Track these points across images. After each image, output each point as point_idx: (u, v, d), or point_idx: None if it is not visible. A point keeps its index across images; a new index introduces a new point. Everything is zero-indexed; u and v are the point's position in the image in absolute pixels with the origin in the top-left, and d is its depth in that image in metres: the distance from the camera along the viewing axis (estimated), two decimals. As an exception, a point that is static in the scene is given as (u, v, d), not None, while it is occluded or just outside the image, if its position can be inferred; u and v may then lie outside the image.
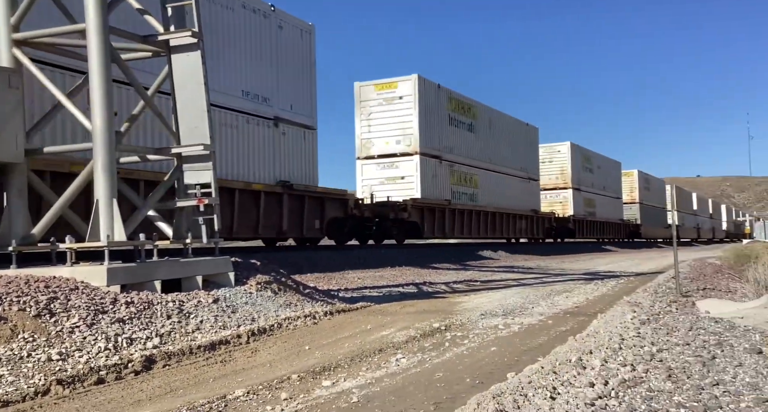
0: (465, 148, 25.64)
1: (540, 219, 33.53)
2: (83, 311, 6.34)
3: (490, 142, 28.11)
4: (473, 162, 26.30)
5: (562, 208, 37.31)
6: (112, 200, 7.64)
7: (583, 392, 4.20)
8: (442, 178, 23.56)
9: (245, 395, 4.86)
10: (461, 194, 25.20)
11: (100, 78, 7.60)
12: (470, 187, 26.02)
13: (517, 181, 30.78)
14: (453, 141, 24.60)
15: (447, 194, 23.84)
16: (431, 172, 22.73)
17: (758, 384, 4.43)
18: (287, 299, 8.88)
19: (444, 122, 23.97)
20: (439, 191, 23.28)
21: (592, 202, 40.86)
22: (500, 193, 28.65)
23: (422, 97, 22.32)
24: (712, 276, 14.37)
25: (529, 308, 9.47)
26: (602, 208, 42.68)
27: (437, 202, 22.96)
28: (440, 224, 23.34)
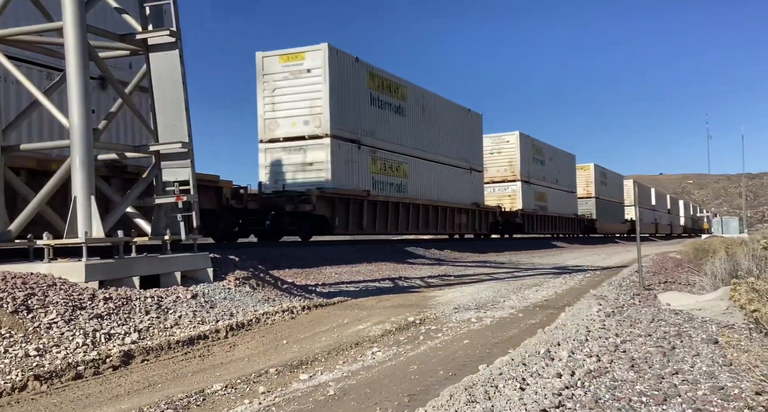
0: (391, 132, 22.24)
1: (483, 213, 30.71)
2: (61, 307, 6.37)
3: (424, 128, 24.90)
4: (402, 149, 22.98)
5: (510, 202, 34.81)
6: (90, 197, 7.65)
7: (551, 383, 4.40)
8: (360, 165, 20.06)
9: (223, 388, 4.96)
10: (386, 185, 21.79)
11: (77, 76, 7.59)
12: (398, 176, 22.61)
13: (456, 172, 27.80)
14: (376, 124, 21.16)
15: (366, 184, 20.39)
16: (346, 158, 19.30)
17: (714, 373, 4.68)
18: (265, 294, 8.98)
19: (363, 102, 20.35)
20: (357, 180, 19.83)
21: (543, 196, 38.50)
22: (436, 185, 25.66)
23: (335, 71, 18.72)
24: (673, 270, 14.86)
25: (500, 302, 9.72)
26: (555, 202, 40.38)
27: (353, 193, 19.42)
28: (357, 219, 19.94)
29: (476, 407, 3.84)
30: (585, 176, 48.49)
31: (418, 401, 4.38)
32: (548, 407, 3.86)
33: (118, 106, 8.95)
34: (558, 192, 41.26)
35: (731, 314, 6.82)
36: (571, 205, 43.95)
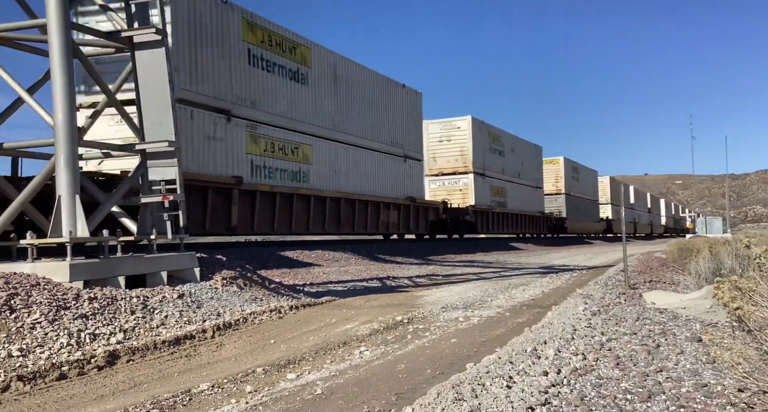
0: (283, 104, 17.20)
1: (420, 209, 25.20)
2: (45, 307, 6.30)
3: (336, 102, 19.65)
4: (300, 126, 17.84)
5: (461, 196, 29.75)
6: (74, 196, 7.57)
7: (538, 381, 4.43)
8: (230, 143, 15.30)
9: (210, 388, 4.94)
10: (275, 171, 16.82)
11: (61, 74, 7.51)
12: (295, 161, 17.70)
13: (385, 160, 22.60)
14: (257, 91, 16.31)
15: (240, 168, 15.56)
16: (206, 133, 14.50)
17: (698, 370, 4.74)
18: (253, 293, 8.94)
19: (238, 58, 15.50)
20: (224, 164, 15.06)
21: (502, 191, 33.71)
22: (352, 174, 20.40)
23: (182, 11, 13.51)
24: (657, 269, 15.02)
25: (488, 301, 9.76)
26: (516, 198, 35.70)
27: (216, 180, 14.61)
28: (223, 214, 15.09)
29: (463, 405, 3.85)
30: (554, 171, 44.08)
31: (406, 400, 4.38)
32: (535, 405, 3.89)
33: (103, 104, 8.86)
34: (520, 187, 36.91)
35: (715, 312, 6.91)
36: (536, 202, 39.52)
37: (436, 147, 30.31)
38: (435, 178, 30.41)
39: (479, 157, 30.88)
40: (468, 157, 30.16)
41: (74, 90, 7.77)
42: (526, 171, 38.15)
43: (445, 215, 27.88)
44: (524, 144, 38.39)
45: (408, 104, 24.78)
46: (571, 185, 46.21)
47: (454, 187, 30.32)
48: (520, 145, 37.39)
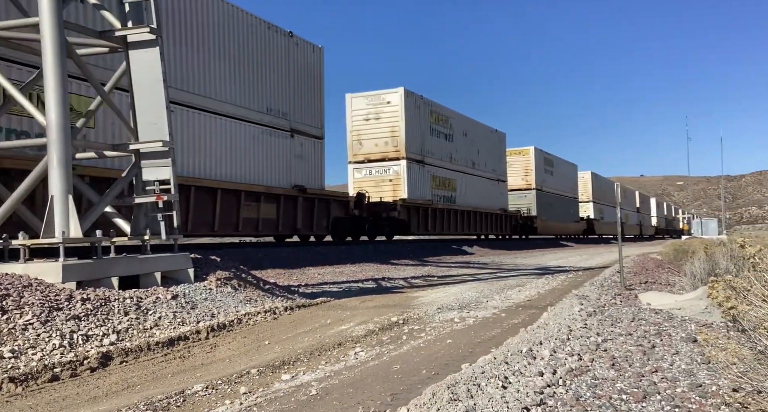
0: None
1: (313, 203, 19.17)
2: (37, 308, 6.25)
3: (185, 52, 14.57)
4: None
5: (392, 189, 24.22)
6: (67, 196, 7.52)
7: (533, 381, 4.42)
8: None
9: (204, 389, 4.90)
10: None
11: (54, 73, 7.46)
12: None
13: (261, 135, 17.11)
14: None
15: None
16: None
17: (693, 371, 4.74)
18: (247, 294, 8.91)
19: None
20: None
21: (449, 184, 28.20)
22: (205, 151, 15.12)
23: None
24: (653, 270, 15.06)
25: (483, 302, 9.75)
26: (470, 192, 30.31)
27: None
28: None
29: (458, 405, 3.83)
30: (522, 163, 38.76)
31: (401, 400, 4.37)
32: (530, 405, 3.87)
33: (97, 104, 8.81)
34: (475, 179, 31.43)
35: (710, 313, 6.91)
36: (497, 197, 33.94)
37: (361, 127, 24.58)
38: (360, 166, 24.87)
39: (415, 140, 25.23)
40: (400, 139, 24.41)
41: (67, 89, 7.72)
42: (485, 161, 32.02)
43: (360, 210, 22.05)
44: (481, 129, 32.45)
45: (299, 61, 19.02)
46: (544, 180, 40.60)
47: (384, 176, 24.58)
48: (475, 130, 31.58)
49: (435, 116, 27.47)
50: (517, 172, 39.23)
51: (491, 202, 33.63)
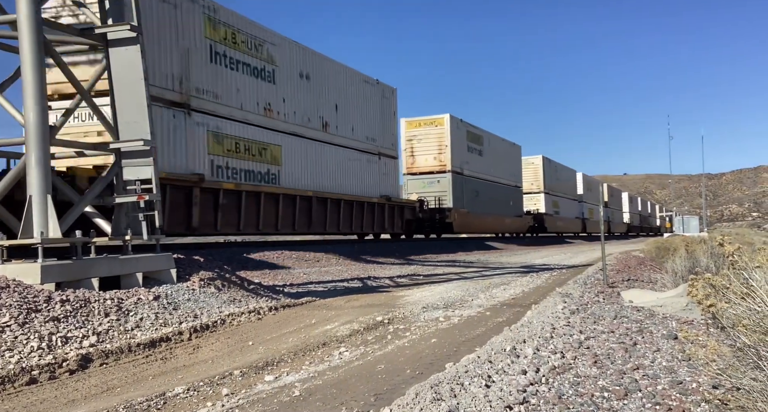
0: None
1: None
2: (14, 310, 6.14)
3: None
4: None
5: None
6: (46, 196, 7.40)
7: (516, 380, 4.43)
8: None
9: (185, 391, 4.85)
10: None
11: (32, 71, 7.33)
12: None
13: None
14: None
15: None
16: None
17: (674, 368, 4.78)
18: (231, 295, 8.84)
19: None
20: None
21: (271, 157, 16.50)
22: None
23: None
24: (636, 268, 15.22)
25: (468, 301, 9.77)
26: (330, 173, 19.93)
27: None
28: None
29: (442, 404, 3.83)
30: (436, 136, 28.51)
31: (384, 400, 4.35)
32: (513, 404, 3.88)
33: (76, 102, 8.67)
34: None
35: (691, 310, 6.99)
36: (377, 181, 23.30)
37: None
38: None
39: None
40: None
41: (45, 88, 7.59)
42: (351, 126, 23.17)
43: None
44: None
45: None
46: (466, 161, 31.04)
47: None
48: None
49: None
50: (421, 150, 29.46)
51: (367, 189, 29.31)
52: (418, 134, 29.33)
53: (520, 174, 39.90)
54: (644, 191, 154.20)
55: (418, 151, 29.28)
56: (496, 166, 35.32)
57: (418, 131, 29.33)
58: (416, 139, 29.29)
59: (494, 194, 34.73)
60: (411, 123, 29.52)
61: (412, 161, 29.29)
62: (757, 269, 3.80)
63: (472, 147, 32.03)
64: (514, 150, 39.49)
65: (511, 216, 37.56)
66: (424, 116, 29.76)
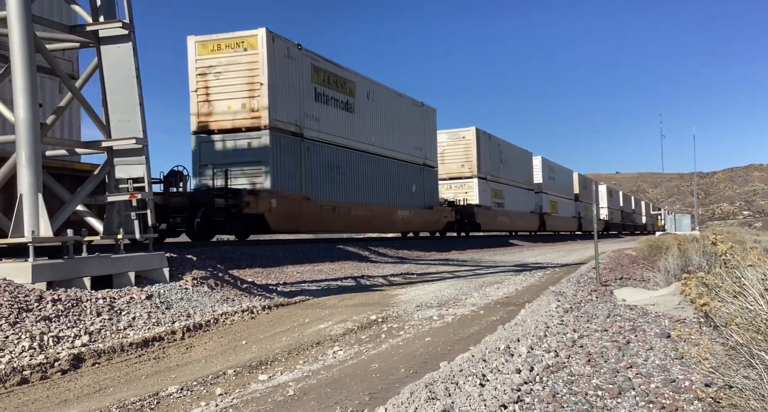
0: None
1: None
2: (5, 310, 6.09)
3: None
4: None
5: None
6: (37, 194, 7.34)
7: (510, 378, 4.43)
8: None
9: (179, 391, 4.83)
10: None
11: (23, 68, 7.26)
12: None
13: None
14: None
15: None
16: None
17: (667, 366, 4.80)
18: (224, 294, 8.80)
19: None
20: None
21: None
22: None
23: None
24: (628, 266, 15.29)
25: (462, 300, 9.78)
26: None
27: None
28: None
29: (436, 403, 3.82)
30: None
31: (379, 400, 4.35)
32: (507, 402, 3.88)
33: (67, 100, 8.61)
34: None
35: (683, 308, 7.03)
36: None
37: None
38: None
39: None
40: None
41: (37, 85, 7.52)
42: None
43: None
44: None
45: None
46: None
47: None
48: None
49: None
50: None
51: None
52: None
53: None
54: (636, 190, 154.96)
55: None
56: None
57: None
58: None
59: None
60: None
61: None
62: (749, 267, 3.82)
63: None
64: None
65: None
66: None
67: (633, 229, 76.80)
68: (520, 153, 42.40)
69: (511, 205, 39.25)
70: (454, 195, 33.67)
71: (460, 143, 34.69)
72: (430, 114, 29.46)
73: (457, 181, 34.52)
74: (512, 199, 39.64)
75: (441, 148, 32.79)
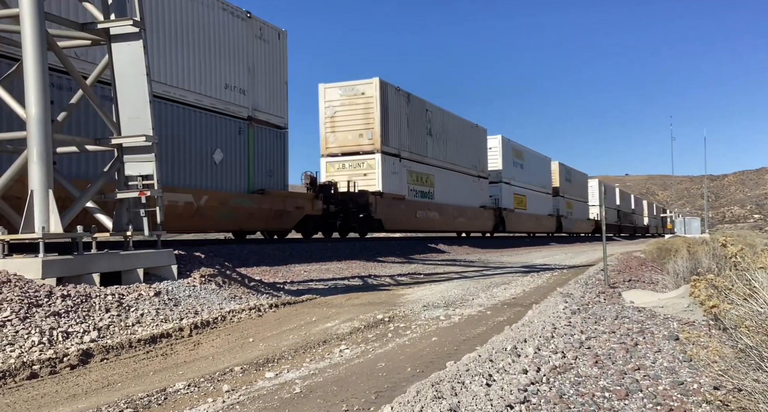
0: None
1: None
2: (15, 305, 6.14)
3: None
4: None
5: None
6: (47, 191, 7.39)
7: (517, 379, 4.42)
8: None
9: (186, 387, 4.85)
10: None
11: (35, 66, 7.32)
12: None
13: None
14: None
15: None
16: None
17: (675, 368, 4.77)
18: (232, 291, 8.83)
19: None
20: None
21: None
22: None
23: None
24: (637, 269, 15.19)
25: (469, 300, 9.76)
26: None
27: None
28: None
29: (442, 402, 3.82)
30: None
31: (385, 398, 4.35)
32: (514, 403, 3.87)
33: (78, 97, 8.66)
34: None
35: (692, 311, 6.98)
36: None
37: None
38: None
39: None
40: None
41: (48, 82, 7.57)
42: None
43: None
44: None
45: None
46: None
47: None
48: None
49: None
50: None
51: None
52: None
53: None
54: (646, 192, 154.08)
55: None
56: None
57: None
58: None
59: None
60: None
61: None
62: (760, 270, 3.79)
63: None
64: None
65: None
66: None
67: (633, 231, 68.85)
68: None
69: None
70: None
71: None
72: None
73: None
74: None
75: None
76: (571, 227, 52.08)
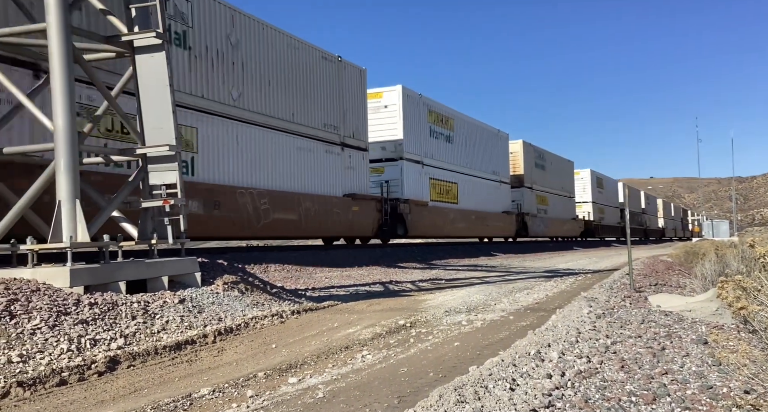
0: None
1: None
2: (45, 313, 6.27)
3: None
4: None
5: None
6: (75, 201, 7.55)
7: (541, 383, 4.37)
8: None
9: (211, 393, 4.90)
10: None
11: (61, 78, 7.51)
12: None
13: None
14: None
15: None
16: None
17: (703, 373, 4.68)
18: (254, 298, 8.90)
19: None
20: None
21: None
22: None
23: None
24: (663, 273, 14.93)
25: (491, 305, 9.69)
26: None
27: None
28: None
29: (466, 407, 3.80)
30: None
31: (408, 403, 4.34)
32: (538, 407, 3.83)
33: (104, 109, 8.86)
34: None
35: (721, 314, 6.84)
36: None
37: None
38: None
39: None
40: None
41: (74, 95, 7.76)
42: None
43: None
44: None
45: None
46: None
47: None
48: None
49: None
50: None
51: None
52: None
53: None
54: (672, 195, 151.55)
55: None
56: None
57: None
58: None
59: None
60: None
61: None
62: (790, 270, 3.70)
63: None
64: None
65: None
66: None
67: (643, 235, 60.20)
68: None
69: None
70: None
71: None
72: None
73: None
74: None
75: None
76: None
